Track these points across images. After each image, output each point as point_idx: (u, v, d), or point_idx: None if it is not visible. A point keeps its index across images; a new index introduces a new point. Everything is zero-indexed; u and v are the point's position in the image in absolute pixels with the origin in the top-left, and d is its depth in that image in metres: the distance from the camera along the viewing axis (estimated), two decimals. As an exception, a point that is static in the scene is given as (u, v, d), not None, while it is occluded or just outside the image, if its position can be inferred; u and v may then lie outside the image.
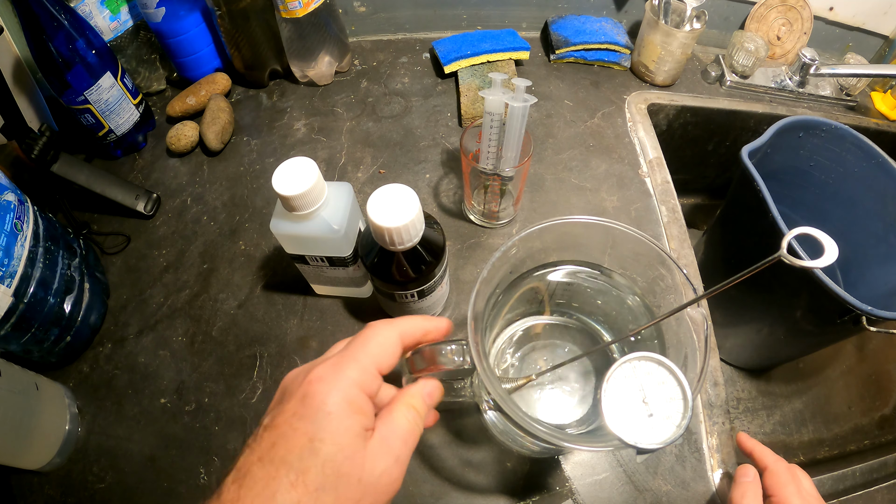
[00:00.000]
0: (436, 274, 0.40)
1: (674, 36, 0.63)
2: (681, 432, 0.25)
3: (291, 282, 0.50)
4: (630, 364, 0.27)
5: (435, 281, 0.40)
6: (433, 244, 0.38)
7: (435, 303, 0.44)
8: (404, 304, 0.42)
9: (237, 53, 0.64)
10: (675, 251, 0.54)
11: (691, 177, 0.82)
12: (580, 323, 0.41)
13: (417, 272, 0.38)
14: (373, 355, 0.25)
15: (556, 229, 0.34)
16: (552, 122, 0.65)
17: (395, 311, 0.45)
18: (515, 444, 0.42)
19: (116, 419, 0.44)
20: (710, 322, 0.42)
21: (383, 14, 0.73)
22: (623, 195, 0.58)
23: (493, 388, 0.29)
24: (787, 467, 0.38)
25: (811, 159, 0.61)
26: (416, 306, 0.43)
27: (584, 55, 0.70)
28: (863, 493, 0.46)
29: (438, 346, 0.29)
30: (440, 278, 0.41)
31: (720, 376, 0.47)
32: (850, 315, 0.48)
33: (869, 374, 0.76)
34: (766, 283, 0.57)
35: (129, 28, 0.63)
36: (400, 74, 0.70)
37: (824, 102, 0.73)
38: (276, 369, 0.46)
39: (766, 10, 0.72)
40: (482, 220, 0.55)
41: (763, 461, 0.39)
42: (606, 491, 0.41)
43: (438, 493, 0.40)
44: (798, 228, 0.21)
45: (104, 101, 0.55)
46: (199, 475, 0.41)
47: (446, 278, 0.44)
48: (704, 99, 0.70)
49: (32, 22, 0.48)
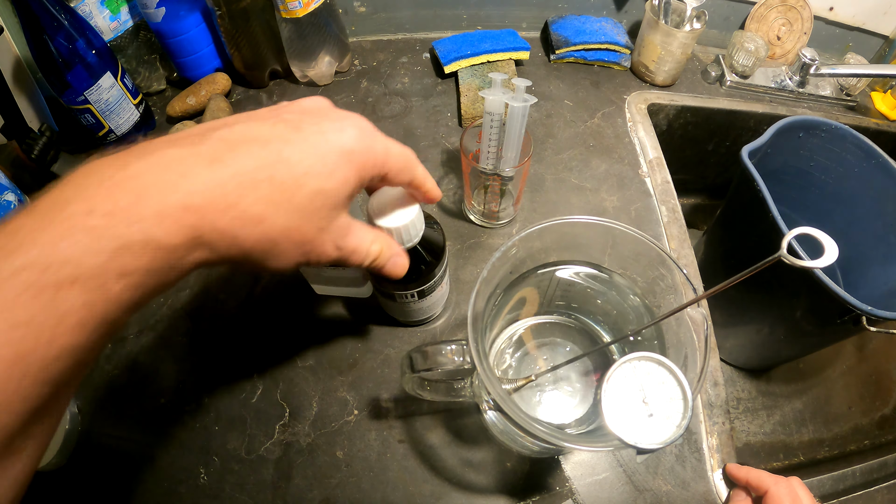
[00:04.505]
0: (436, 274, 0.40)
1: (674, 36, 0.63)
2: (681, 432, 0.25)
3: (291, 282, 0.50)
4: (630, 364, 0.27)
5: (435, 281, 0.40)
6: (433, 244, 0.38)
7: (435, 303, 0.44)
8: (404, 304, 0.42)
9: (237, 53, 0.64)
10: (675, 251, 0.54)
11: (691, 177, 0.82)
12: (580, 323, 0.41)
13: (417, 272, 0.38)
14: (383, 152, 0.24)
15: (557, 229, 0.34)
16: (552, 122, 0.65)
17: (395, 311, 0.45)
18: (515, 444, 0.42)
19: (116, 419, 0.44)
20: (710, 322, 0.42)
21: (383, 14, 0.73)
22: (623, 195, 0.58)
23: (492, 388, 0.29)
24: (788, 489, 0.37)
25: (811, 159, 0.61)
26: (416, 306, 0.42)
27: (584, 55, 0.70)
28: (863, 493, 0.46)
29: (438, 346, 0.29)
30: (440, 278, 0.41)
31: (720, 376, 0.47)
32: (850, 315, 0.48)
33: (869, 374, 0.76)
34: (766, 283, 0.57)
35: (129, 28, 0.63)
36: (400, 74, 0.70)
37: (824, 102, 0.73)
38: (276, 369, 0.46)
39: (766, 10, 0.72)
40: (482, 220, 0.55)
41: (761, 486, 0.38)
42: (606, 491, 0.41)
43: (438, 493, 0.40)
44: (798, 228, 0.21)
45: (104, 101, 0.55)
46: (199, 475, 0.41)
47: (446, 278, 0.44)
48: (704, 99, 0.70)
49: (32, 22, 0.48)
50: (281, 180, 0.20)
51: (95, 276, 0.17)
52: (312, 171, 0.21)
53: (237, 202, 0.19)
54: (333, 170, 0.22)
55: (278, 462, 0.42)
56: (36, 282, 0.16)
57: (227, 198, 0.19)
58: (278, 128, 0.21)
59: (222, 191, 0.19)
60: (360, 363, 0.46)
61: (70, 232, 0.16)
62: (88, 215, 0.17)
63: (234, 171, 0.19)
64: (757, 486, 0.38)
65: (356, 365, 0.46)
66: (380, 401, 0.44)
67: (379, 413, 0.44)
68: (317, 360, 0.46)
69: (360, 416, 0.43)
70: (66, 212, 0.17)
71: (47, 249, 0.16)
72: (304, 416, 0.43)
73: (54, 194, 0.17)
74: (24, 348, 0.15)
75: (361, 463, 0.41)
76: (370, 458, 0.42)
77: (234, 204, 0.19)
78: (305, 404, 0.44)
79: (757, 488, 0.38)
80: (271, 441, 0.42)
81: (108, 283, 0.17)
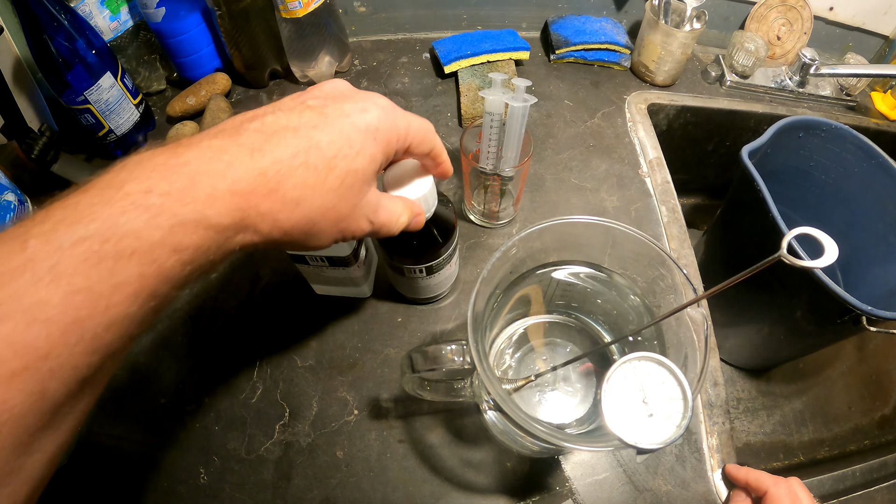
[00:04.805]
0: (446, 251, 0.41)
1: (674, 36, 0.63)
2: (681, 432, 0.25)
3: (291, 282, 0.50)
4: (630, 364, 0.27)
5: (444, 259, 0.41)
6: (445, 221, 0.39)
7: (443, 281, 0.45)
8: (413, 280, 0.42)
9: (237, 53, 0.64)
10: (675, 251, 0.54)
11: (691, 177, 0.82)
12: (580, 323, 0.41)
13: (427, 248, 0.39)
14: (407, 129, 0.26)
15: (557, 229, 0.34)
16: (552, 122, 0.65)
17: (403, 287, 0.46)
18: (515, 444, 0.42)
19: (116, 419, 0.44)
20: (710, 322, 0.42)
21: (383, 14, 0.73)
22: (623, 195, 0.58)
23: (492, 388, 0.29)
24: (787, 490, 0.37)
25: (811, 159, 0.61)
26: (425, 283, 0.43)
27: (584, 55, 0.70)
28: (863, 493, 0.46)
29: (438, 346, 0.29)
30: (449, 256, 0.42)
31: (720, 376, 0.47)
32: (850, 315, 0.48)
33: (869, 374, 0.76)
34: (766, 283, 0.57)
35: (129, 28, 0.63)
36: (400, 74, 0.70)
37: (824, 102, 0.73)
38: (276, 369, 0.46)
39: (766, 10, 0.72)
40: (482, 220, 0.55)
41: (761, 486, 0.38)
42: (606, 491, 0.41)
43: (438, 493, 0.40)
44: (798, 228, 0.21)
45: (104, 101, 0.55)
46: (199, 475, 0.41)
47: (455, 257, 0.45)
48: (704, 99, 0.70)
49: (32, 22, 0.48)
50: (314, 164, 0.22)
51: (151, 249, 0.18)
52: (341, 152, 0.23)
53: (277, 187, 0.21)
54: (361, 149, 0.23)
55: (278, 462, 0.42)
56: (97, 251, 0.17)
57: (269, 184, 0.21)
58: (305, 115, 0.23)
59: (264, 178, 0.20)
60: (360, 363, 0.46)
61: (130, 208, 0.18)
62: (146, 194, 0.18)
63: (272, 159, 0.21)
64: (756, 487, 0.38)
65: (356, 365, 0.46)
66: (380, 401, 0.44)
67: (379, 413, 0.44)
68: (317, 360, 0.46)
69: (360, 416, 0.43)
70: (123, 191, 0.18)
71: (108, 223, 0.17)
72: (304, 416, 0.43)
73: (108, 178, 0.19)
74: (81, 315, 0.16)
75: (361, 463, 0.41)
76: (370, 458, 0.42)
77: (275, 189, 0.21)
78: (305, 404, 0.44)
79: (756, 489, 0.38)
80: (271, 441, 0.42)
81: (161, 257, 0.18)
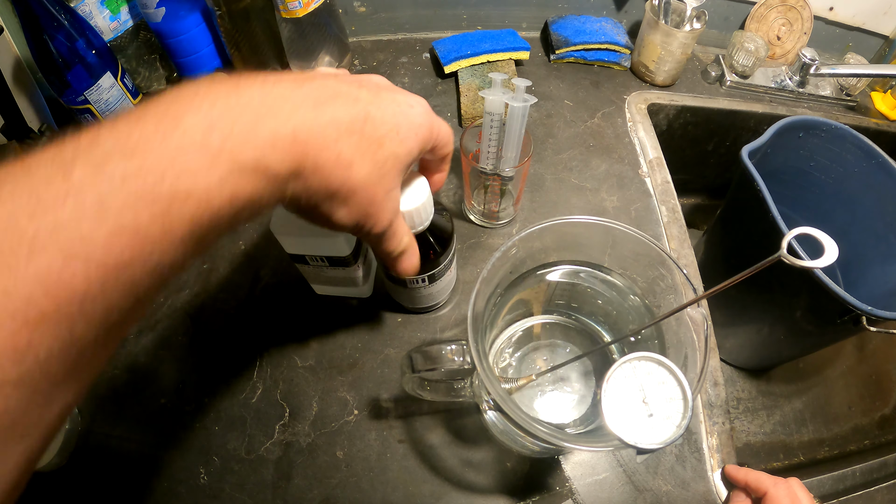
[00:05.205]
0: (445, 258, 0.40)
1: (674, 36, 0.63)
2: (681, 432, 0.25)
3: (291, 282, 0.50)
4: (630, 364, 0.27)
5: (444, 266, 0.41)
6: (442, 229, 0.39)
7: (443, 288, 0.45)
8: (414, 290, 0.42)
9: (237, 53, 0.63)
10: (675, 251, 0.54)
11: (691, 177, 0.82)
12: (580, 323, 0.41)
13: (428, 256, 0.39)
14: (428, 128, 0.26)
15: (557, 229, 0.34)
16: (552, 122, 0.65)
17: (403, 298, 0.45)
18: (515, 444, 0.42)
19: (116, 419, 0.44)
20: (710, 322, 0.42)
21: (383, 14, 0.73)
22: (623, 195, 0.58)
23: (492, 388, 0.29)
24: (787, 491, 0.37)
25: (811, 159, 0.61)
26: (426, 291, 0.43)
27: (584, 55, 0.70)
28: (863, 493, 0.46)
29: (438, 346, 0.29)
30: (449, 262, 0.42)
31: (720, 376, 0.47)
32: (850, 315, 0.48)
33: (869, 374, 0.76)
34: (766, 283, 0.57)
35: (129, 28, 0.63)
36: (400, 74, 0.70)
37: (824, 102, 0.73)
38: (276, 369, 0.46)
39: (766, 10, 0.72)
40: (482, 220, 0.55)
41: (760, 487, 0.38)
42: (606, 491, 0.41)
43: (438, 493, 0.40)
44: (798, 228, 0.21)
45: (104, 101, 0.55)
46: (199, 475, 0.41)
47: (454, 264, 0.45)
48: (704, 99, 0.70)
49: (32, 22, 0.48)
50: (369, 135, 0.22)
51: (208, 193, 0.17)
52: (390, 134, 0.23)
53: (333, 144, 0.21)
54: (405, 138, 0.24)
55: (278, 462, 0.42)
56: (151, 190, 0.15)
57: (327, 139, 0.21)
58: (363, 91, 0.23)
59: (323, 132, 0.20)
60: (360, 363, 0.46)
61: (190, 146, 0.16)
62: (207, 132, 0.17)
63: (332, 116, 0.21)
64: (756, 488, 0.38)
65: (356, 365, 0.46)
66: (380, 401, 0.44)
67: (379, 413, 0.44)
68: (317, 360, 0.46)
69: (360, 416, 0.43)
70: (182, 125, 0.17)
71: (165, 159, 0.16)
72: (304, 416, 0.43)
73: (162, 107, 0.17)
74: (124, 258, 0.15)
75: (361, 463, 0.41)
76: (370, 458, 0.42)
77: (331, 145, 0.21)
78: (305, 404, 0.44)
79: (756, 490, 0.38)
80: (271, 441, 0.42)
81: (215, 200, 0.17)
